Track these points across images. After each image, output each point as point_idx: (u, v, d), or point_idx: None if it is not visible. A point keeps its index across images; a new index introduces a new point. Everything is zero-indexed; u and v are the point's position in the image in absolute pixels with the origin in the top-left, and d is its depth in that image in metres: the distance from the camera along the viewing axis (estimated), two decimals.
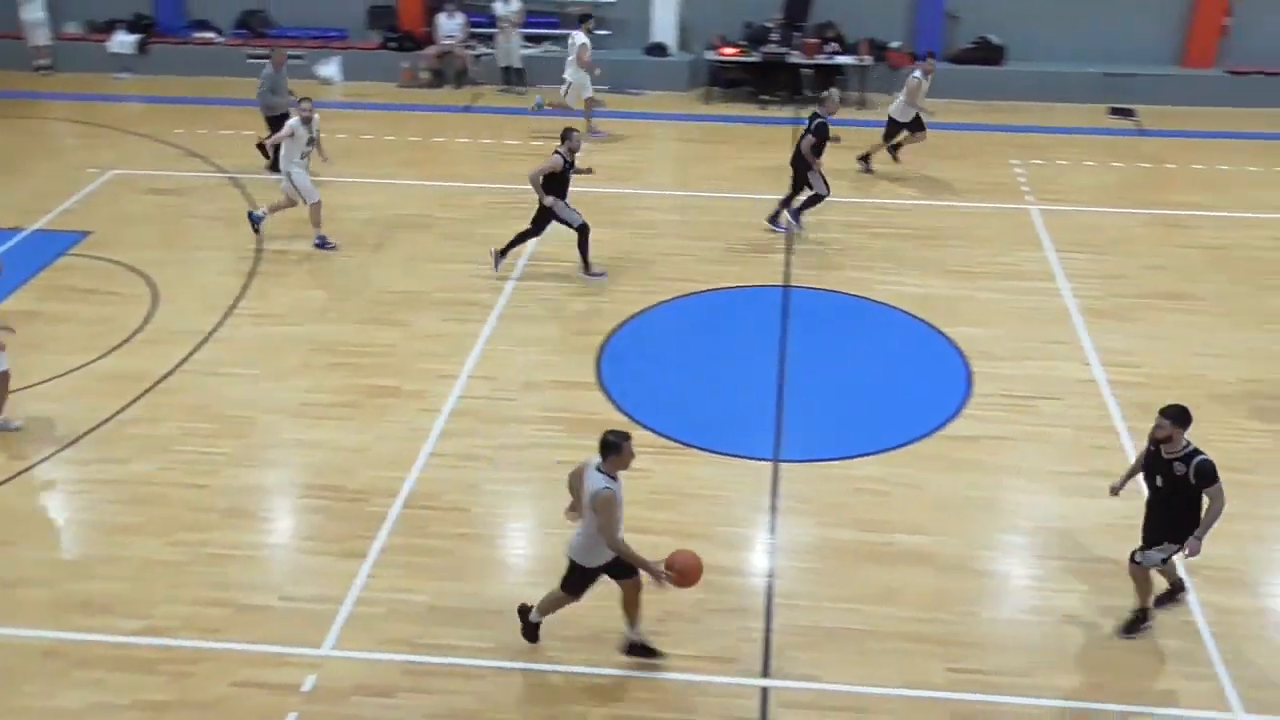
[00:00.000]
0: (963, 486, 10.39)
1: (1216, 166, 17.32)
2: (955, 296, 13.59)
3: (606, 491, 7.63)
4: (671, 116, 19.76)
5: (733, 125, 19.26)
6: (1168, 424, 8.26)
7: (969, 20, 20.39)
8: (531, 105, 18.89)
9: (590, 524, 7.81)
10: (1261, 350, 12.47)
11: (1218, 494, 8.23)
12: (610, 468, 7.74)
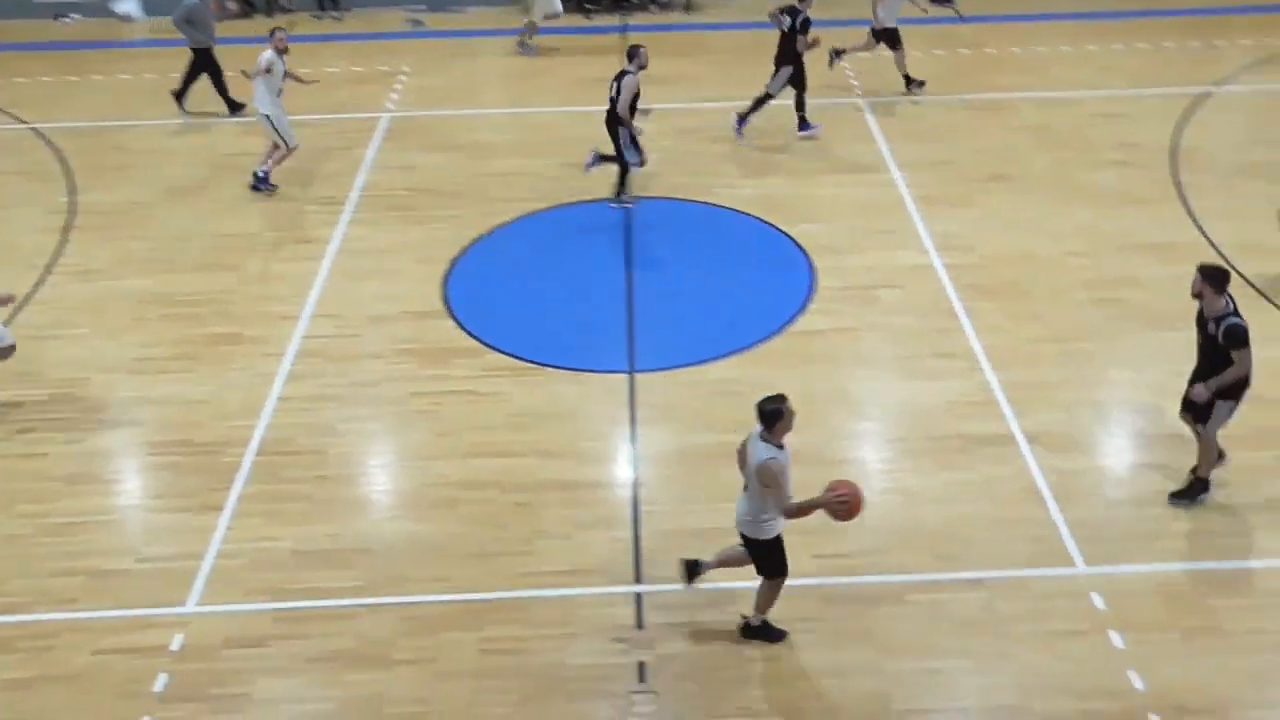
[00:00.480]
0: (814, 380, 10.63)
1: (1033, 48, 17.81)
2: (794, 195, 13.77)
3: (773, 462, 7.42)
4: (496, 32, 19.34)
5: (560, 36, 18.97)
6: (1198, 279, 8.62)
7: None
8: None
9: (756, 496, 7.60)
10: (1086, 226, 12.99)
11: (1242, 358, 8.52)
12: (775, 436, 7.53)
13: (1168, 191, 13.63)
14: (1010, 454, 9.67)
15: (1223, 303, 8.65)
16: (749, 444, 7.63)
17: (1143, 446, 9.84)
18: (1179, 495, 9.14)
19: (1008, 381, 10.50)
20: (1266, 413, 9.98)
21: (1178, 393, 10.23)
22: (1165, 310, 11.39)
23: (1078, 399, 10.31)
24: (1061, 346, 11.00)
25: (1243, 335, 8.52)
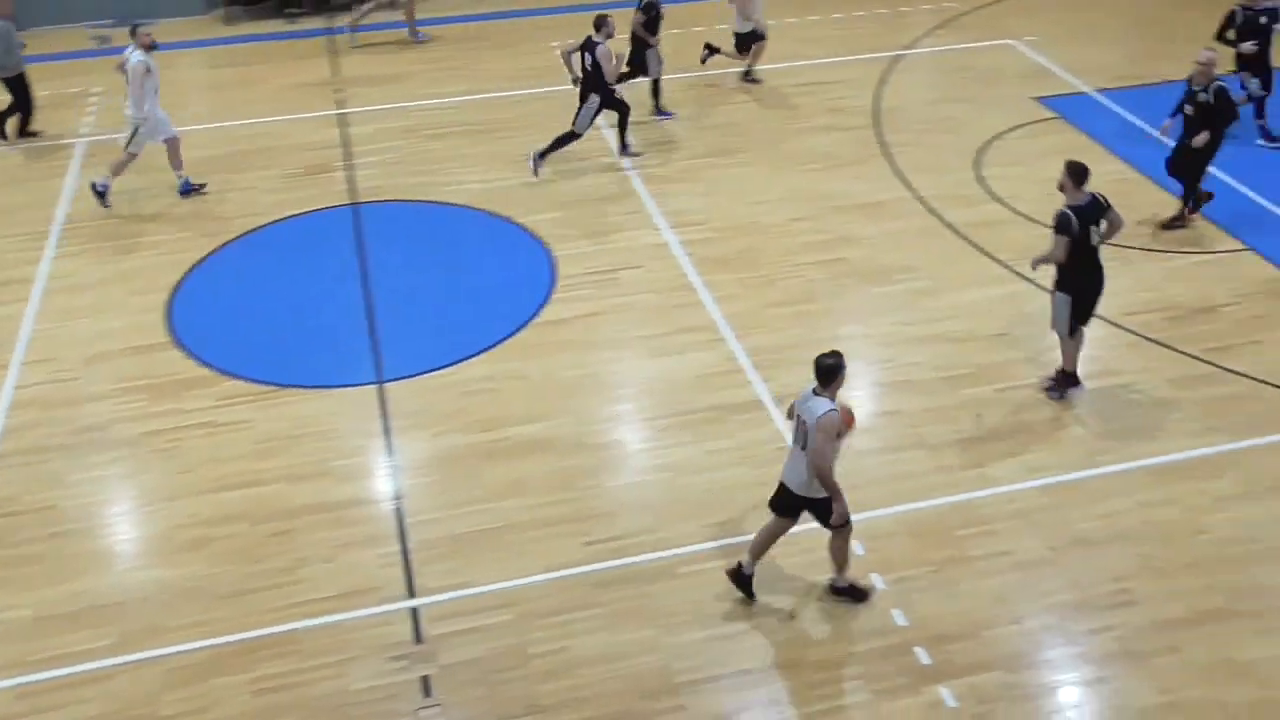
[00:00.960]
0: (566, 368, 10.68)
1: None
2: (523, 186, 13.76)
3: (834, 414, 7.48)
4: (194, 44, 18.43)
5: (264, 43, 18.27)
6: (1063, 173, 9.65)
7: None
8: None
9: (808, 453, 7.56)
10: (803, 189, 13.55)
11: (1057, 243, 9.59)
12: (831, 391, 7.57)
13: (874, 152, 14.39)
14: (762, 418, 10.00)
15: (1083, 196, 9.59)
16: (803, 404, 7.67)
17: (881, 395, 10.37)
18: (1052, 388, 10.13)
19: (750, 348, 10.85)
20: (982, 349, 10.73)
21: (905, 341, 10.90)
22: (884, 265, 12.08)
23: (813, 356, 10.72)
24: (795, 309, 11.45)
25: (1062, 220, 9.53)
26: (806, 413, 7.63)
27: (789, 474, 7.92)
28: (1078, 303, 9.84)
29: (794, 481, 7.86)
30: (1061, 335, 10.04)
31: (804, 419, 7.65)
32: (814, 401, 7.61)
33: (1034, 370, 10.47)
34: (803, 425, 7.68)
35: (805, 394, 7.74)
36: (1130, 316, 11.15)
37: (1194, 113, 12.10)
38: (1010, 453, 9.55)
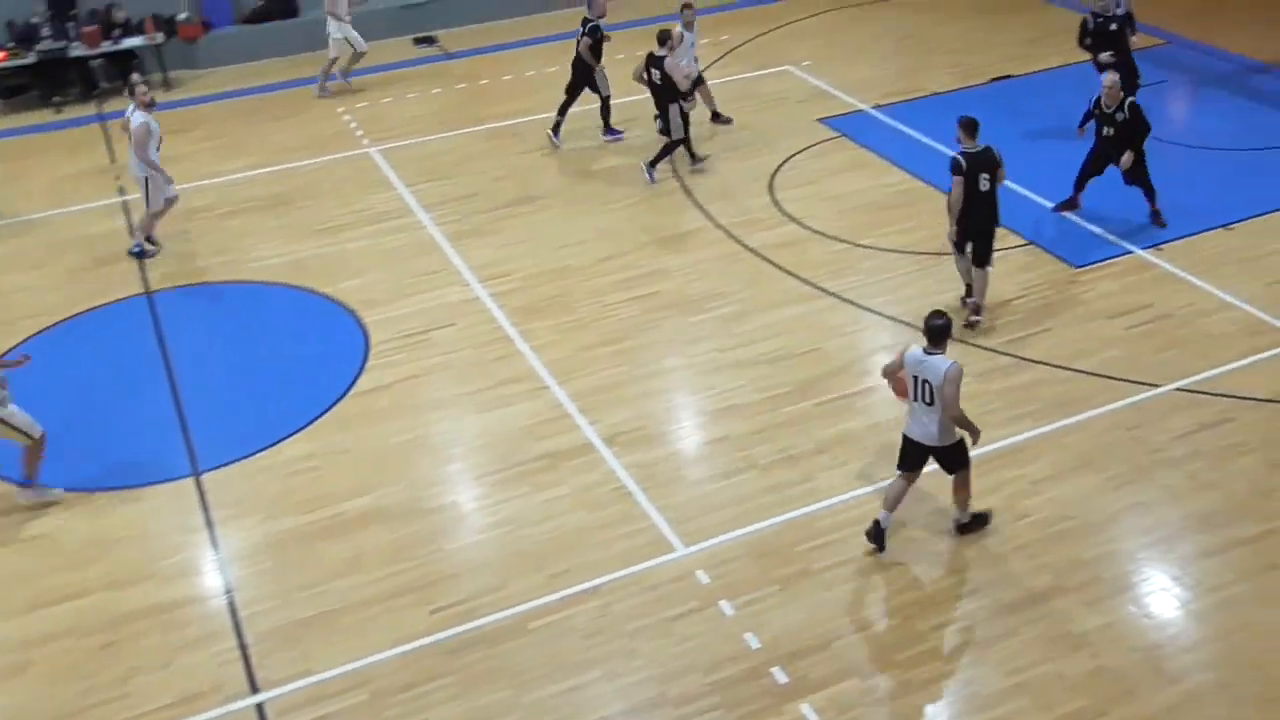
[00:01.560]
0: (390, 435, 10.48)
1: (523, 74, 18.53)
2: (325, 255, 13.50)
3: (957, 365, 8.26)
4: None
5: (32, 136, 17.43)
6: (959, 129, 10.98)
7: None
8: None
9: (938, 409, 8.29)
10: (607, 229, 13.70)
11: (954, 184, 11.00)
12: (943, 348, 8.31)
13: (672, 185, 14.66)
14: (594, 460, 10.02)
15: (976, 146, 10.98)
16: (919, 366, 8.32)
17: (707, 423, 10.52)
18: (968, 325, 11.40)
19: (574, 392, 10.87)
20: (798, 367, 11.03)
21: (724, 367, 11.11)
22: (695, 294, 12.30)
23: (639, 393, 10.86)
24: (613, 348, 11.54)
25: (953, 163, 11.05)
26: (928, 371, 8.31)
27: (917, 430, 8.59)
28: (964, 233, 11.23)
29: (924, 436, 8.55)
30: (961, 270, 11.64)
31: (926, 378, 8.33)
32: (933, 359, 8.31)
33: (849, 382, 10.82)
34: (926, 384, 8.34)
35: (917, 356, 8.39)
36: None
37: (1114, 133, 12.50)
38: (837, 463, 9.83)
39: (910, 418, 8.64)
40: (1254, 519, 9.01)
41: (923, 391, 8.42)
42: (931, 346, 8.38)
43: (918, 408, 8.51)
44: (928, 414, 8.45)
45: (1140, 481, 9.45)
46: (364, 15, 20.00)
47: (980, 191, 11.03)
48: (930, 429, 8.49)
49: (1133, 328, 11.33)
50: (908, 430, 8.67)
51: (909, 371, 8.48)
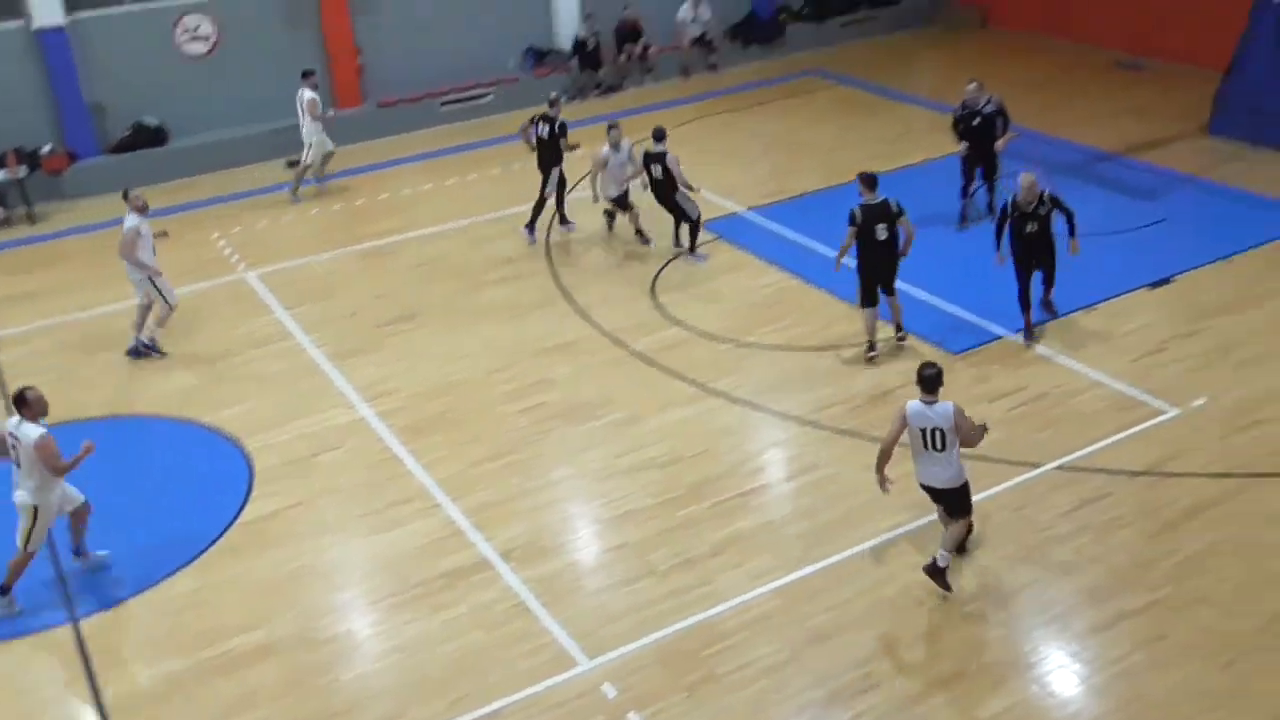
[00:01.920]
0: (279, 565, 10.19)
1: (400, 192, 18.57)
2: (204, 384, 13.20)
3: (954, 404, 8.85)
4: None
5: None
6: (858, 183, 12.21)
7: (118, 106, 19.66)
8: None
9: (952, 448, 8.86)
10: (492, 342, 13.69)
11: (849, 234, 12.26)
12: (937, 395, 8.85)
13: (554, 294, 14.75)
14: (491, 577, 9.86)
15: (875, 198, 12.05)
16: (924, 417, 8.85)
17: (603, 531, 10.46)
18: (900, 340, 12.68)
19: (468, 508, 10.73)
20: (689, 468, 11.07)
21: (617, 473, 11.10)
22: (584, 402, 12.32)
23: (533, 505, 10.77)
24: (504, 461, 11.45)
25: (850, 215, 12.15)
26: (936, 419, 8.87)
27: (933, 477, 9.12)
28: (862, 279, 12.38)
29: (942, 479, 9.08)
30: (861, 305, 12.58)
31: (936, 426, 8.87)
32: (938, 407, 8.88)
33: (741, 481, 10.88)
34: (937, 431, 8.88)
35: (919, 409, 8.90)
36: (818, 413, 11.83)
37: (1037, 228, 12.38)
38: (734, 564, 9.83)
39: (923, 468, 9.16)
40: (1139, 590, 9.25)
41: (934, 440, 8.95)
42: (929, 395, 8.93)
43: (929, 456, 9.04)
44: (941, 460, 9.02)
45: (1031, 560, 9.64)
46: (236, 141, 20.01)
47: (878, 241, 12.17)
48: (948, 471, 9.07)
49: (1011, 410, 11.67)
50: (924, 478, 9.22)
51: (915, 425, 8.97)
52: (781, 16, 24.74)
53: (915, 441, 9.02)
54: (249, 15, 20.14)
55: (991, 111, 15.27)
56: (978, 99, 15.27)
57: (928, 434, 8.94)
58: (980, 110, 15.25)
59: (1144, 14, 21.92)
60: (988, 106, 15.28)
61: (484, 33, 22.03)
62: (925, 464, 9.11)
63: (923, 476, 9.20)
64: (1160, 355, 12.44)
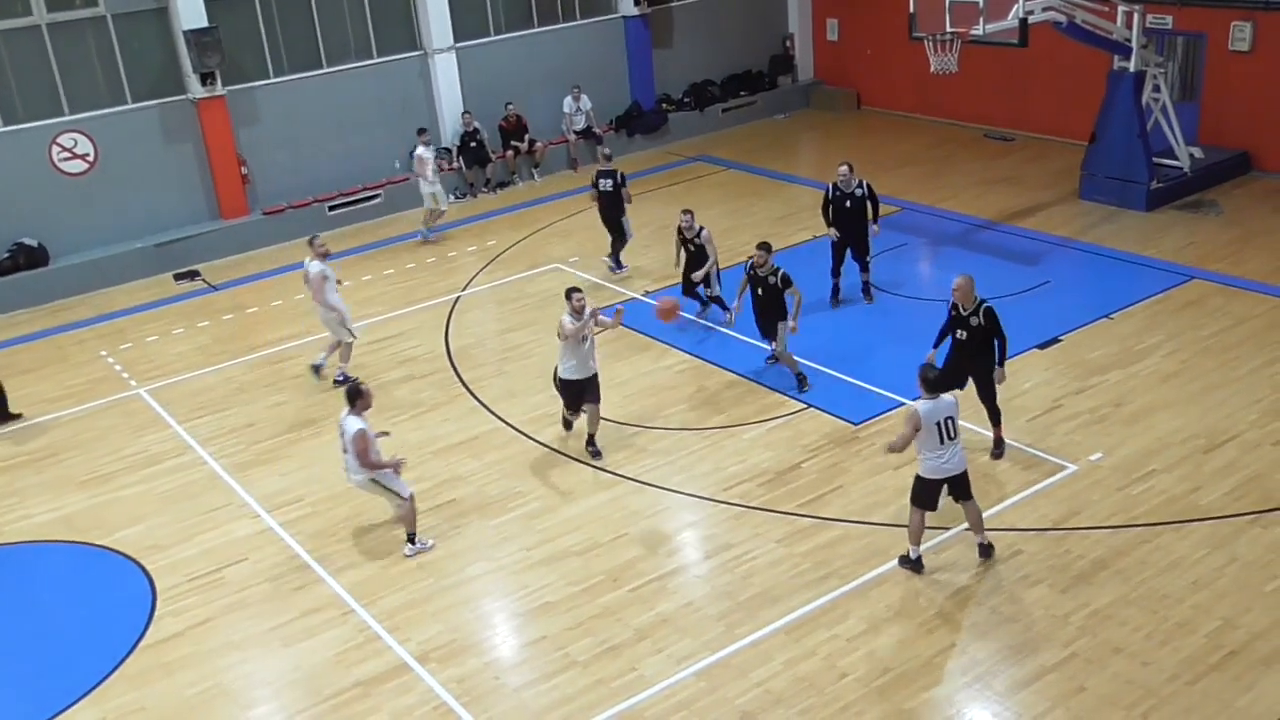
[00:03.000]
0: (187, 687, 9.80)
1: (293, 298, 18.34)
2: (98, 505, 12.76)
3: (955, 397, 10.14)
4: None
5: None
6: (760, 252, 13.58)
7: None
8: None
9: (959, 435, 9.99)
10: (395, 442, 13.37)
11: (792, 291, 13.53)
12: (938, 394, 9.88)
13: (457, 391, 14.66)
14: (410, 681, 9.61)
15: (770, 262, 13.47)
16: (937, 410, 9.75)
17: (523, 625, 10.29)
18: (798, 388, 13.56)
19: (381, 613, 10.49)
20: (606, 555, 10.94)
21: (533, 565, 10.96)
22: (494, 496, 12.20)
23: (449, 604, 10.56)
24: (417, 561, 11.23)
25: (746, 266, 13.86)
26: (948, 409, 9.82)
27: (953, 467, 9.96)
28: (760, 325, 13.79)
29: (958, 465, 10.01)
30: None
31: (949, 416, 9.80)
32: (942, 399, 9.85)
33: (659, 563, 10.84)
34: (950, 420, 9.79)
35: (931, 405, 9.76)
36: (727, 490, 11.88)
37: (967, 337, 11.70)
38: (657, 648, 9.74)
39: (941, 460, 9.91)
40: (1056, 645, 9.39)
41: (948, 429, 9.84)
42: (932, 393, 9.80)
43: (948, 447, 9.89)
44: (955, 446, 9.92)
45: (949, 623, 9.73)
46: (119, 257, 19.61)
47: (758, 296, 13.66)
48: (960, 455, 10.02)
49: None
50: (943, 472, 9.96)
51: (929, 421, 9.76)
52: (663, 106, 25.32)
53: (930, 439, 9.83)
54: (128, 131, 19.90)
55: (862, 194, 15.67)
56: (849, 181, 15.69)
57: (942, 425, 9.81)
58: (851, 193, 15.66)
59: (1009, 91, 22.92)
60: (858, 189, 15.68)
61: (368, 137, 22.10)
62: (942, 456, 9.93)
63: (937, 471, 9.98)
64: (1055, 413, 12.80)
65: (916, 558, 10.38)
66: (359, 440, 10.88)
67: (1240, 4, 19.26)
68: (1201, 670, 8.97)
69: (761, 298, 13.66)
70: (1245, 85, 19.57)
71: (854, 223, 15.70)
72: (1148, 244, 17.29)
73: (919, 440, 9.86)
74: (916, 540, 10.36)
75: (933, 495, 10.13)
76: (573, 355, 12.38)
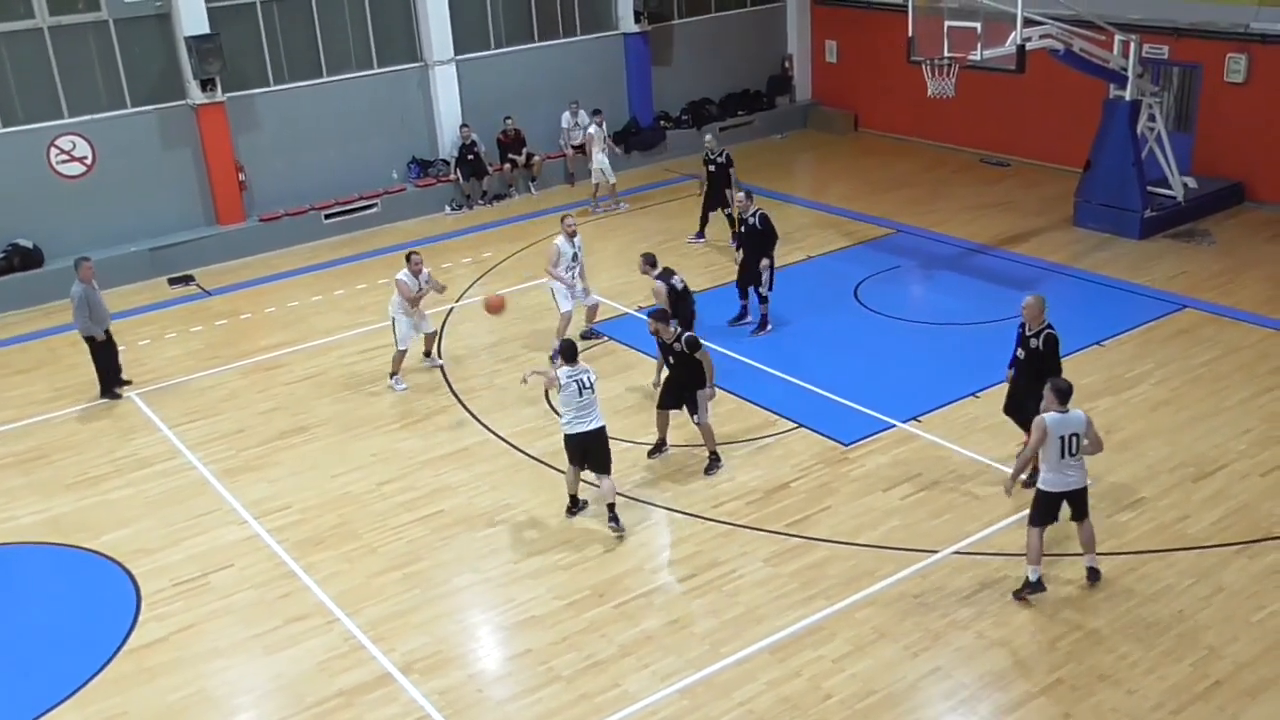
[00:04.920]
0: (170, 692, 9.77)
1: (286, 305, 18.35)
2: (85, 508, 12.72)
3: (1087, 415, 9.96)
4: None
5: None
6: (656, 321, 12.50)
7: None
8: None
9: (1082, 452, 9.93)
10: (385, 452, 13.49)
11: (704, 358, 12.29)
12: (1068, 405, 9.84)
13: (448, 401, 14.65)
14: (393, 692, 9.58)
15: (671, 328, 12.35)
16: (1064, 425, 9.72)
17: (508, 638, 10.26)
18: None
19: (365, 622, 10.46)
20: (593, 570, 10.92)
21: (519, 578, 10.94)
22: (483, 508, 12.18)
23: (434, 615, 10.54)
24: (403, 572, 11.21)
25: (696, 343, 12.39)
26: (1074, 425, 9.78)
27: (1072, 482, 9.94)
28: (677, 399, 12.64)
29: (1078, 481, 9.98)
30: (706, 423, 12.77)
31: (1074, 432, 9.76)
32: (1072, 414, 9.82)
33: (645, 579, 10.82)
34: (1074, 437, 9.76)
35: (1059, 418, 9.76)
36: (717, 508, 11.87)
37: (1025, 357, 11.60)
38: (641, 665, 9.72)
39: (1059, 474, 9.88)
40: (1041, 670, 9.39)
41: (1071, 445, 9.80)
42: (1062, 405, 9.79)
43: (1067, 462, 9.85)
44: (1076, 463, 9.91)
45: (935, 647, 9.72)
46: (115, 260, 19.54)
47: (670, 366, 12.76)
48: (1082, 473, 9.99)
49: (906, 497, 11.86)
50: (1060, 485, 9.93)
51: (1055, 434, 9.75)
52: (661, 123, 25.37)
53: (1053, 451, 9.81)
54: (127, 135, 19.89)
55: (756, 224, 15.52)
56: (746, 207, 15.66)
57: (1067, 440, 9.79)
58: (745, 218, 15.65)
59: (1006, 117, 23.03)
60: (752, 217, 15.53)
61: (366, 146, 22.12)
62: (1063, 470, 9.90)
63: (1059, 484, 9.96)
64: None
65: (1037, 579, 10.08)
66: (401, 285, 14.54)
67: (1236, 36, 19.38)
68: (1186, 699, 8.96)
69: (675, 367, 12.49)
70: (1240, 117, 19.68)
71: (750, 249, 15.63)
72: (1140, 272, 17.35)
73: (1042, 453, 9.87)
74: (1036, 560, 10.07)
75: (1052, 509, 10.07)
76: (568, 405, 11.35)
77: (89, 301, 14.89)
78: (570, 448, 11.55)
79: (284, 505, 12.50)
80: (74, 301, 14.88)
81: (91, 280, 15.01)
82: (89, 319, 14.92)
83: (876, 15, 24.79)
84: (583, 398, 11.27)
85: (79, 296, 14.83)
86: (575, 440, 11.45)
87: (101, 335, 15.15)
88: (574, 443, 11.48)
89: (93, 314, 14.95)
